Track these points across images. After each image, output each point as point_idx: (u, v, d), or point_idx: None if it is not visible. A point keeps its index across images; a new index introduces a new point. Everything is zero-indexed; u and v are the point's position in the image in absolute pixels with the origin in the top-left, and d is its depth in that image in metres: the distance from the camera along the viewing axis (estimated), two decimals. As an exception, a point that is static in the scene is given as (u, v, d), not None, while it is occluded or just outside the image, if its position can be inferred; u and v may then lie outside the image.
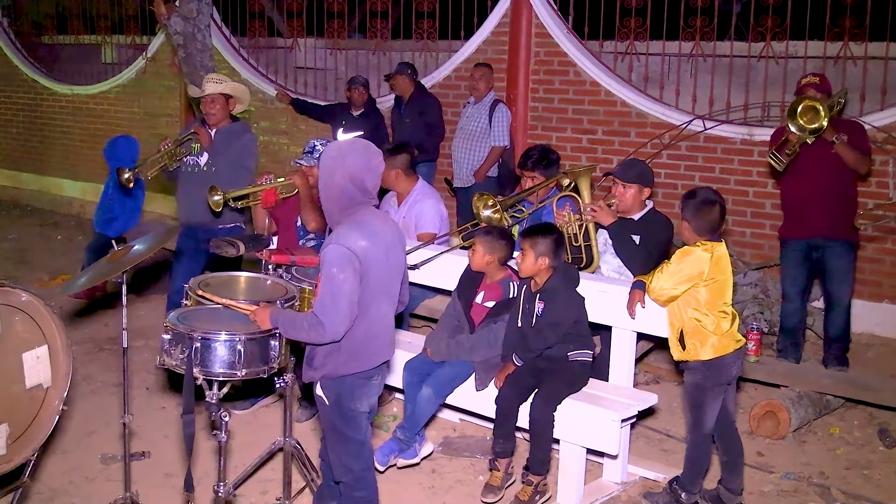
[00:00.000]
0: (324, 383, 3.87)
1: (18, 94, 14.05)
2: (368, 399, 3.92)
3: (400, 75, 8.87)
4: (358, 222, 3.76)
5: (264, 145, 10.73)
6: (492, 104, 8.42)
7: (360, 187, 3.77)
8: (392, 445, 5.08)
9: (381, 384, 4.01)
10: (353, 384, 3.85)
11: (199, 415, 4.03)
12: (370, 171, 3.80)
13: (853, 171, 6.10)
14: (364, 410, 3.92)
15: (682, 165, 8.25)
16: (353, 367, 3.82)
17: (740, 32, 8.58)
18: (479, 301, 5.17)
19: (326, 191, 3.82)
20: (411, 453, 5.16)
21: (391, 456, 5.06)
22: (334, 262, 3.65)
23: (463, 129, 8.55)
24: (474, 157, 8.41)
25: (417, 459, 5.21)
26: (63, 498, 4.85)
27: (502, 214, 5.56)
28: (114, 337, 7.16)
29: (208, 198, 5.75)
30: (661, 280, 4.59)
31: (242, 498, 4.78)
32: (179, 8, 8.41)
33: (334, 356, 3.79)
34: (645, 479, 5.21)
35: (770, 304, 6.97)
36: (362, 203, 3.81)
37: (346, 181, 3.75)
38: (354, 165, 3.76)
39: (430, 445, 5.34)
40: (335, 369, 3.81)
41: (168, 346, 3.93)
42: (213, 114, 6.27)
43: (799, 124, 5.85)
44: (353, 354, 3.79)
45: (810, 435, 5.86)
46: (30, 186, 13.82)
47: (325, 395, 3.88)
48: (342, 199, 3.78)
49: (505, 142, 8.38)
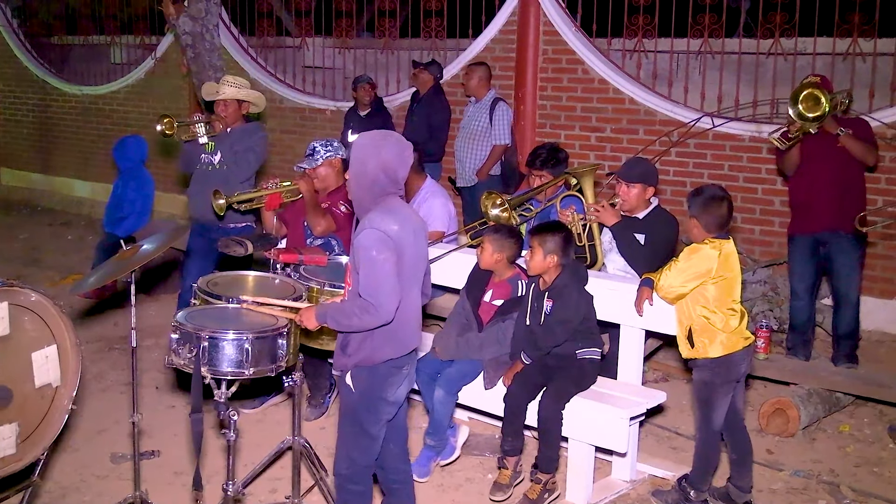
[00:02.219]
0: (355, 372, 3.88)
1: (28, 94, 14.11)
2: (398, 389, 3.94)
3: (424, 71, 8.84)
4: (388, 209, 3.80)
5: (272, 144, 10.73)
6: (492, 103, 8.40)
7: (392, 178, 3.81)
8: (427, 454, 5.11)
9: (412, 377, 4.02)
10: (386, 373, 3.87)
11: (208, 413, 4.03)
12: (403, 162, 3.84)
13: (860, 164, 6.10)
14: (391, 401, 3.93)
15: (690, 163, 8.24)
16: (387, 352, 3.83)
17: (749, 29, 8.57)
18: (488, 299, 5.17)
19: (358, 178, 3.83)
20: (448, 451, 5.21)
21: (430, 464, 5.10)
22: (372, 245, 3.68)
23: (464, 129, 8.55)
24: (476, 156, 8.40)
25: (457, 453, 5.27)
26: (74, 496, 4.88)
27: (510, 213, 5.56)
28: (124, 336, 7.17)
29: (212, 201, 5.76)
30: (670, 278, 4.59)
31: (251, 496, 4.79)
32: (188, 8, 8.42)
33: (369, 341, 3.81)
34: (654, 476, 5.20)
35: (779, 302, 6.95)
36: (391, 193, 3.85)
37: (378, 171, 3.78)
38: (389, 156, 3.80)
39: (465, 429, 5.38)
40: (371, 355, 3.82)
41: (176, 346, 3.94)
42: (226, 116, 6.29)
43: (798, 111, 5.84)
44: (386, 338, 3.81)
45: (820, 432, 5.85)
46: (40, 187, 13.88)
47: (354, 383, 3.88)
48: (374, 188, 3.80)
49: (506, 140, 8.37)
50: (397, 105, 9.87)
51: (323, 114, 10.81)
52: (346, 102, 10.01)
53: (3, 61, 14.36)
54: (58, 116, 13.74)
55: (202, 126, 6.29)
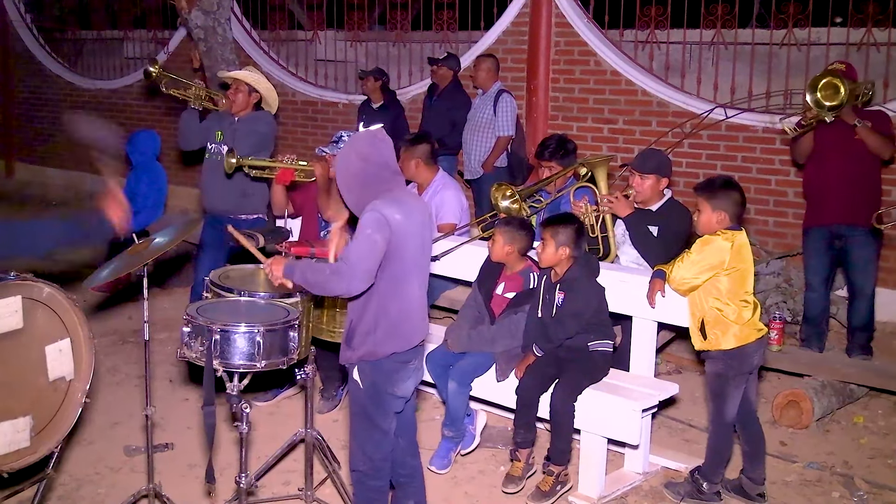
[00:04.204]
0: (361, 367, 3.88)
1: (42, 89, 14.16)
2: (405, 383, 3.94)
3: (444, 65, 8.83)
4: (395, 198, 3.79)
5: (284, 137, 10.76)
6: (496, 94, 8.40)
7: (377, 162, 3.81)
8: (446, 445, 5.12)
9: (420, 371, 4.03)
10: (391, 368, 3.87)
11: (221, 406, 4.05)
12: (377, 147, 3.84)
13: (876, 157, 6.05)
14: (400, 395, 3.94)
15: (703, 154, 8.20)
16: (391, 346, 3.83)
17: (762, 19, 8.51)
18: (500, 292, 5.17)
19: (346, 181, 3.85)
20: (468, 441, 5.24)
21: (451, 455, 5.12)
22: (369, 224, 3.69)
23: (471, 121, 8.54)
24: (482, 148, 8.40)
25: (477, 440, 5.29)
26: (89, 487, 4.90)
27: (520, 204, 5.56)
28: (137, 329, 7.19)
29: (224, 159, 5.78)
30: (682, 270, 4.57)
31: (264, 489, 4.81)
32: (200, 2, 8.43)
33: (372, 336, 3.81)
34: (667, 468, 5.20)
35: (793, 294, 6.92)
36: (391, 180, 3.84)
37: (360, 161, 3.80)
38: (362, 145, 3.84)
39: (483, 415, 5.40)
40: (373, 350, 3.82)
41: (188, 339, 3.95)
42: (236, 101, 6.31)
43: (816, 97, 5.80)
44: (389, 333, 3.81)
45: (834, 424, 5.83)
46: (55, 181, 13.93)
47: (361, 378, 3.89)
48: (367, 182, 3.80)
49: (510, 131, 8.35)
50: (410, 98, 9.86)
51: (335, 107, 10.81)
52: (359, 96, 10.01)
53: (16, 56, 14.41)
54: (71, 111, 13.77)
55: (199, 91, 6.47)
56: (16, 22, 14.20)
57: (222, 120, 6.44)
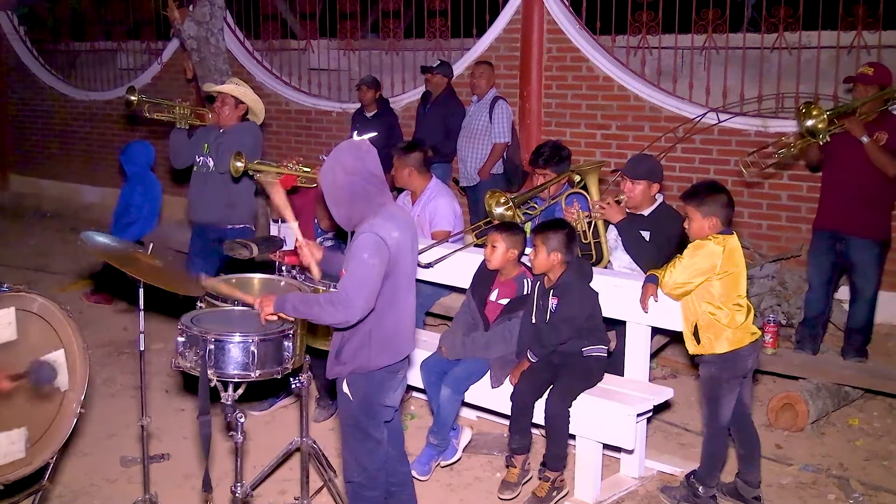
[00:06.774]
0: (351, 380, 3.88)
1: (36, 101, 14.17)
2: (395, 393, 3.96)
3: (438, 73, 8.85)
4: (390, 214, 3.79)
5: (276, 147, 10.78)
6: (492, 101, 8.42)
7: (363, 175, 3.77)
8: (429, 452, 5.11)
9: (406, 380, 4.04)
10: (382, 378, 3.87)
11: (216, 416, 4.05)
12: (362, 158, 3.79)
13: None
14: (390, 405, 3.95)
15: (696, 159, 8.22)
16: (384, 359, 3.83)
17: (753, 24, 8.55)
18: (494, 298, 5.17)
19: (334, 194, 3.81)
20: (450, 452, 5.22)
21: (431, 463, 5.10)
22: (367, 248, 3.66)
23: (466, 128, 8.57)
24: (477, 155, 8.42)
25: (459, 454, 5.27)
26: (84, 499, 4.90)
27: (515, 211, 5.57)
28: (133, 340, 7.16)
29: (230, 163, 5.79)
30: (675, 274, 4.58)
31: (260, 498, 4.81)
32: (193, 12, 8.44)
33: (365, 350, 3.80)
34: (662, 473, 5.21)
35: (787, 296, 6.93)
36: (380, 193, 3.81)
37: (347, 175, 3.75)
38: (347, 158, 3.79)
39: (468, 431, 5.38)
40: (367, 363, 3.82)
41: (182, 349, 3.95)
42: (222, 114, 6.32)
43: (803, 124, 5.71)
44: (383, 346, 3.82)
45: (829, 426, 5.84)
46: (49, 192, 13.92)
47: (351, 391, 3.88)
48: (354, 195, 3.76)
49: (506, 138, 8.38)
50: (403, 106, 9.88)
51: (329, 115, 10.83)
52: (352, 104, 10.04)
53: (11, 68, 14.42)
54: (66, 122, 13.80)
55: (182, 109, 6.44)
56: (9, 34, 14.22)
57: (209, 132, 6.45)
